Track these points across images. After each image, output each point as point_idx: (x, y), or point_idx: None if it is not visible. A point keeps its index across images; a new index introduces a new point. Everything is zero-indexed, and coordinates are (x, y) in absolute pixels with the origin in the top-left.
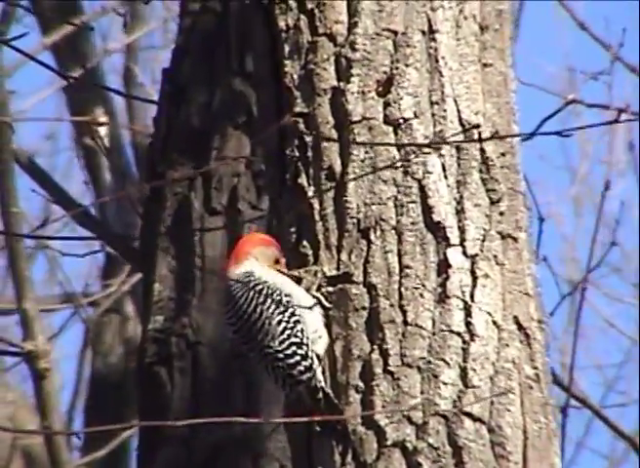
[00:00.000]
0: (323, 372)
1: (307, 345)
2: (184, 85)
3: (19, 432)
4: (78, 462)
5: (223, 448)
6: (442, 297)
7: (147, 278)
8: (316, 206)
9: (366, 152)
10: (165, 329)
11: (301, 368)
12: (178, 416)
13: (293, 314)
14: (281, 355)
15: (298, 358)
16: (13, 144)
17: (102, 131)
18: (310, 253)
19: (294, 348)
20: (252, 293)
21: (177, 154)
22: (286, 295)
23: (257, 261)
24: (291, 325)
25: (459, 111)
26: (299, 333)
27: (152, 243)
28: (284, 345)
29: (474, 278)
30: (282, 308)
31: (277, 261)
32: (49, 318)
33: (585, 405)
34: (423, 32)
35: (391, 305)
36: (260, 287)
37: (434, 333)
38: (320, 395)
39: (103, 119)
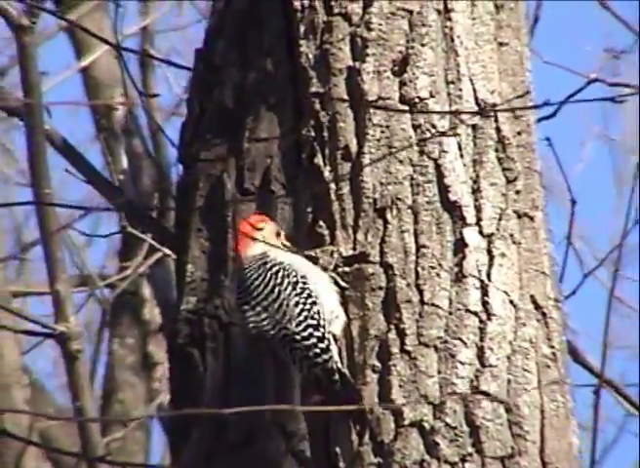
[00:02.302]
0: (340, 353)
1: (324, 327)
2: (217, 65)
3: (40, 416)
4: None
5: (256, 428)
6: (459, 277)
7: (180, 259)
8: (332, 186)
9: (382, 132)
10: (197, 309)
11: (318, 350)
12: (210, 397)
13: (309, 295)
14: (298, 337)
15: (314, 340)
16: (45, 125)
17: (119, 113)
18: (327, 233)
19: (310, 330)
20: (269, 275)
21: (209, 134)
22: (302, 277)
23: (264, 240)
24: (307, 307)
25: (474, 90)
26: (315, 315)
27: (186, 224)
28: (301, 327)
29: (491, 257)
30: (299, 290)
31: (279, 234)
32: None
33: (608, 383)
34: (439, 11)
35: (408, 285)
36: (277, 268)
37: (451, 313)
38: (336, 377)
39: (123, 101)
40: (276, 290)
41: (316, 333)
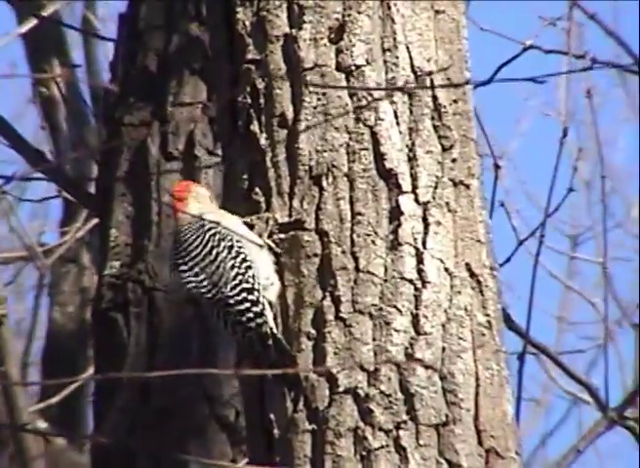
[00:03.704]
0: (275, 319)
1: (258, 291)
2: (141, 30)
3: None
4: (33, 408)
5: (180, 394)
6: (394, 244)
7: (104, 223)
8: (268, 153)
9: (318, 99)
10: (121, 274)
11: (251, 314)
12: (134, 362)
13: (244, 260)
14: (232, 301)
15: (248, 304)
16: None
17: (59, 80)
18: (262, 199)
19: (244, 294)
20: (207, 236)
21: (133, 99)
22: (237, 241)
23: (197, 202)
24: (242, 270)
25: (411, 58)
26: (250, 279)
27: (109, 188)
28: (235, 291)
29: (426, 225)
30: (234, 253)
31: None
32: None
33: (542, 351)
34: None
35: (343, 252)
36: (214, 231)
37: (386, 280)
38: (270, 341)
39: (61, 71)
40: (214, 252)
41: (250, 297)
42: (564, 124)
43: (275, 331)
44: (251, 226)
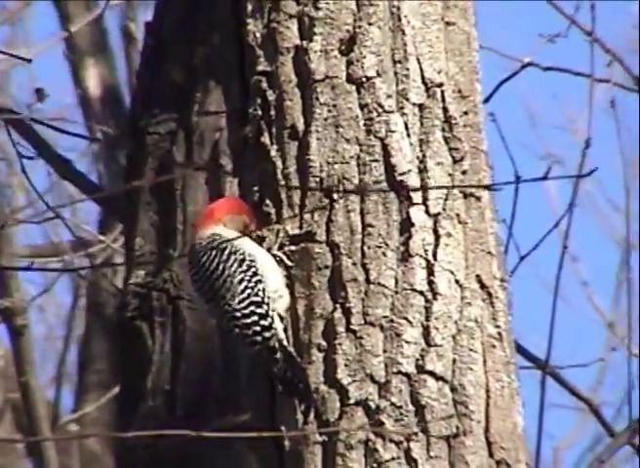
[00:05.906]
0: (285, 331)
1: (268, 304)
2: (167, 38)
3: (27, 441)
4: (68, 418)
5: (204, 402)
6: (405, 256)
7: (129, 232)
8: (279, 164)
9: (329, 111)
10: (146, 283)
11: (258, 328)
12: (158, 371)
13: (255, 273)
14: (239, 314)
15: (255, 317)
16: None
17: (95, 84)
18: (273, 211)
19: (252, 307)
20: (215, 252)
21: (159, 108)
22: (249, 255)
23: (224, 227)
24: (252, 284)
25: (421, 70)
26: (259, 293)
27: (134, 197)
28: (243, 304)
29: (437, 237)
30: (245, 267)
31: (246, 227)
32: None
33: (541, 368)
34: None
35: (354, 264)
36: (224, 245)
37: (397, 292)
38: (278, 355)
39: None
40: (220, 266)
41: (258, 310)
42: (587, 135)
43: (285, 343)
44: (261, 238)
